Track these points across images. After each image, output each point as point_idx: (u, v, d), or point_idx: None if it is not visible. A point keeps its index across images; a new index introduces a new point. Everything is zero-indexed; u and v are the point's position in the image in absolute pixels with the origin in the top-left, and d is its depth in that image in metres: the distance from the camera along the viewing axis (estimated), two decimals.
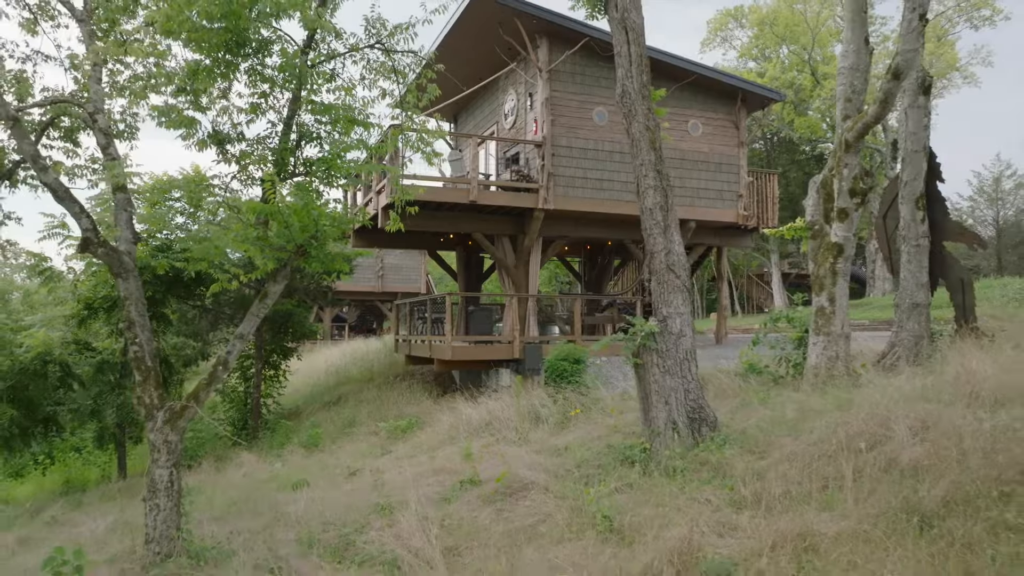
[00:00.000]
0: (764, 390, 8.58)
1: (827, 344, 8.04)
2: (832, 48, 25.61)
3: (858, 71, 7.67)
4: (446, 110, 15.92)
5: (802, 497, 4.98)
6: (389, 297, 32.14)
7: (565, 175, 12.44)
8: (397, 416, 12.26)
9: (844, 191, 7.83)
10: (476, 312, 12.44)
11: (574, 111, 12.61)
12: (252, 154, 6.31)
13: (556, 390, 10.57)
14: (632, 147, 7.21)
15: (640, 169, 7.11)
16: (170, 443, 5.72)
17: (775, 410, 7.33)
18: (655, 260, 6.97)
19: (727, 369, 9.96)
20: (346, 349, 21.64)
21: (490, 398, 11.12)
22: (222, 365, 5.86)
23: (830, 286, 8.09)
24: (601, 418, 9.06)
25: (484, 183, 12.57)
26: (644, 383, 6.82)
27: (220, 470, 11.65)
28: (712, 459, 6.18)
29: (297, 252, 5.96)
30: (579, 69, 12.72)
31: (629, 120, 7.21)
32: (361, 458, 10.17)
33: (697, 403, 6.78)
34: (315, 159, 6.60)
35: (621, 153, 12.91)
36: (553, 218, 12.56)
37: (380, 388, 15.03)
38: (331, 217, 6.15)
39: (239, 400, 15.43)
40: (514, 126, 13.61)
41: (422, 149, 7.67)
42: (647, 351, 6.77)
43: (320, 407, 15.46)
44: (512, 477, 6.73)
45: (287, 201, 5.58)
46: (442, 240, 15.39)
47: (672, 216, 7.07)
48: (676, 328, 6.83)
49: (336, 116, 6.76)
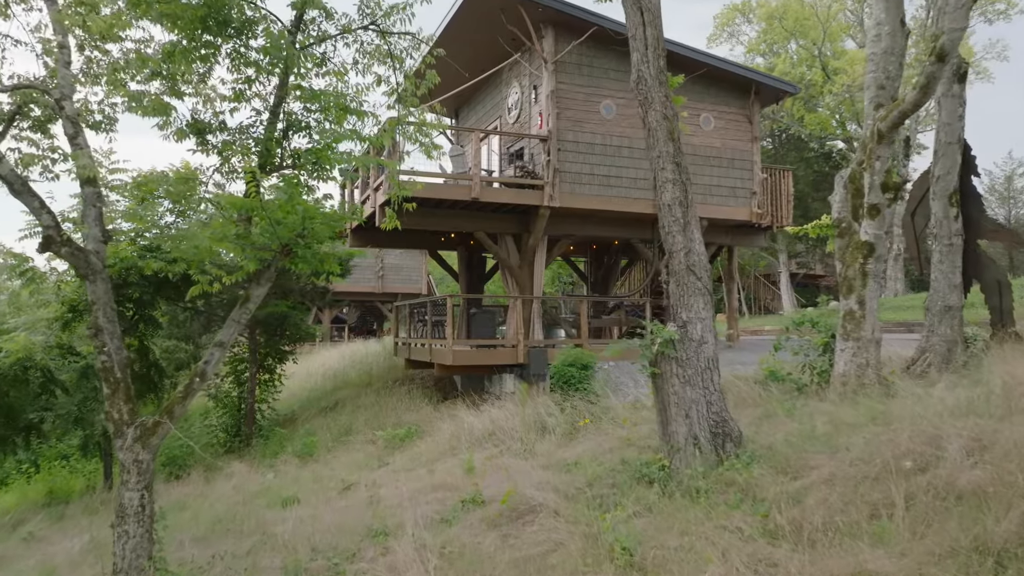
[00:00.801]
0: (788, 400, 8.01)
1: (856, 350, 7.47)
2: (843, 43, 25.03)
3: (892, 55, 7.10)
4: (447, 104, 15.35)
5: (849, 528, 4.41)
6: (389, 298, 31.61)
7: (571, 171, 11.88)
8: (395, 424, 11.70)
9: (875, 186, 7.26)
10: (478, 315, 11.88)
11: (581, 104, 12.04)
12: (234, 144, 5.75)
13: (563, 397, 10.02)
14: (648, 138, 6.65)
15: (657, 162, 6.55)
16: (141, 463, 5.16)
17: (803, 423, 6.77)
18: (674, 260, 6.41)
19: (745, 375, 9.38)
20: (345, 351, 21.09)
21: (493, 405, 10.56)
22: (199, 376, 5.30)
23: (859, 288, 7.52)
24: (612, 429, 8.50)
25: (487, 179, 12.01)
26: (662, 394, 6.25)
27: (210, 481, 11.11)
28: (739, 479, 5.61)
29: (282, 252, 5.40)
30: (586, 60, 12.16)
31: (645, 108, 6.65)
32: (357, 470, 9.62)
33: (720, 416, 6.22)
34: (304, 150, 6.04)
35: (630, 148, 12.35)
36: (559, 216, 12.00)
37: (379, 393, 14.47)
38: (321, 214, 5.59)
39: (233, 405, 14.88)
40: (518, 120, 13.05)
41: (420, 141, 7.12)
42: (665, 359, 6.21)
43: (316, 413, 14.91)
44: (518, 497, 6.17)
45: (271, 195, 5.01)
46: (443, 239, 14.84)
47: (692, 213, 6.50)
48: (697, 334, 6.26)
49: (327, 103, 6.21)
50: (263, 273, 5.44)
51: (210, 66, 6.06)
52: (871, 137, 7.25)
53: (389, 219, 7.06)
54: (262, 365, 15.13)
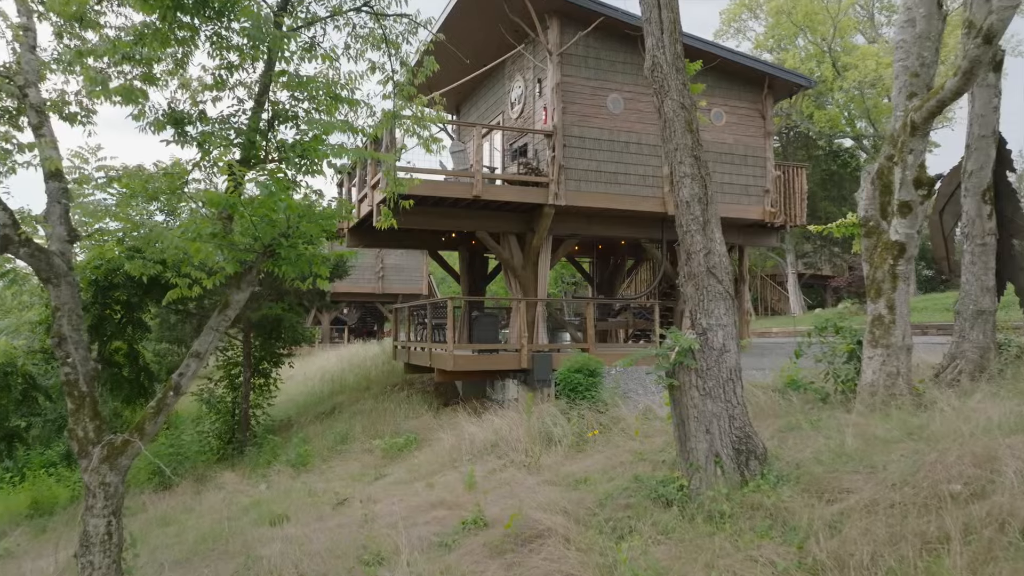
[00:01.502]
0: (812, 411, 7.51)
1: (886, 358, 6.96)
2: (852, 38, 24.48)
3: (928, 40, 6.59)
4: (448, 100, 14.86)
5: (901, 566, 3.90)
6: (390, 299, 31.14)
7: (578, 168, 11.38)
8: (394, 432, 11.21)
9: (908, 181, 6.74)
10: (480, 318, 11.39)
11: (587, 98, 11.54)
12: (214, 136, 5.25)
13: (569, 405, 9.52)
14: (664, 129, 6.15)
15: (674, 155, 6.05)
16: (108, 486, 4.67)
17: (831, 437, 6.26)
18: (692, 262, 5.90)
19: (762, 383, 8.88)
20: (343, 354, 20.61)
21: (495, 413, 10.06)
22: (173, 390, 4.81)
23: (889, 291, 7.01)
24: (623, 441, 8.00)
25: (489, 176, 11.52)
26: (680, 408, 5.75)
27: (199, 492, 10.63)
28: (766, 502, 5.11)
29: (264, 253, 4.90)
30: (593, 52, 11.66)
31: (660, 97, 6.14)
32: (352, 483, 9.12)
33: (744, 431, 5.71)
34: (290, 142, 5.55)
35: (638, 144, 11.84)
36: (564, 215, 11.50)
37: (377, 398, 13.98)
38: (308, 211, 5.09)
39: (226, 411, 14.40)
40: (521, 115, 12.55)
41: (418, 134, 6.62)
42: (684, 370, 5.70)
43: (313, 418, 14.42)
44: (524, 520, 5.66)
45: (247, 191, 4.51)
46: (443, 239, 14.35)
47: (712, 210, 6.00)
48: (718, 343, 5.76)
49: (315, 91, 5.72)
50: (244, 276, 4.94)
51: (188, 51, 5.57)
52: (903, 129, 6.74)
53: (384, 217, 6.57)
54: (257, 369, 14.66)
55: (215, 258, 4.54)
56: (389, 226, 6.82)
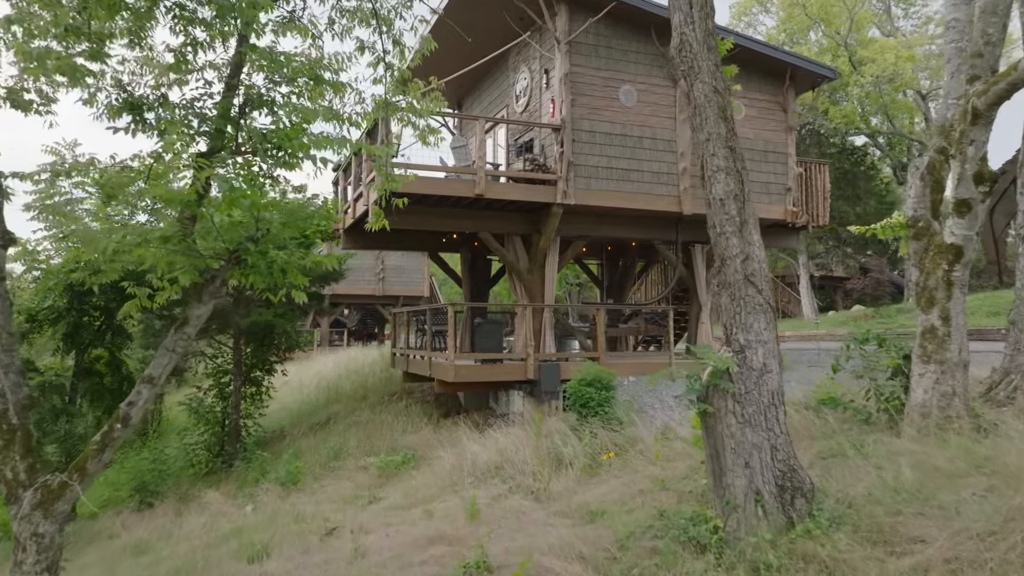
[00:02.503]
0: (851, 432, 6.74)
1: (940, 376, 6.18)
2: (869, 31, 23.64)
3: (994, 16, 5.81)
4: (448, 93, 14.11)
5: None
6: (390, 301, 30.42)
7: (588, 164, 10.61)
8: (390, 447, 10.46)
9: (967, 177, 5.97)
10: (483, 325, 10.64)
11: (598, 90, 10.78)
12: (175, 123, 4.50)
13: (580, 421, 8.76)
14: (694, 117, 5.38)
15: (706, 146, 5.28)
16: (41, 537, 3.92)
17: (883, 468, 5.50)
18: (727, 268, 5.14)
19: (791, 399, 8.09)
20: (342, 359, 19.86)
21: (500, 429, 9.31)
22: (121, 422, 4.06)
23: (943, 300, 6.23)
24: (642, 465, 7.23)
25: (492, 173, 10.76)
26: (714, 437, 4.98)
27: (181, 513, 9.89)
28: (821, 552, 4.35)
29: (230, 260, 4.14)
30: (603, 41, 10.89)
31: (690, 80, 5.38)
32: (343, 506, 8.37)
33: (788, 465, 4.95)
34: (266, 131, 4.80)
35: (652, 139, 11.08)
36: (573, 215, 10.74)
37: (374, 408, 13.24)
38: (283, 210, 4.34)
39: (215, 421, 13.65)
40: (527, 109, 11.79)
41: (413, 123, 5.87)
42: (719, 394, 4.94)
43: (307, 430, 13.67)
44: (534, 568, 4.90)
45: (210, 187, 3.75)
46: (444, 241, 13.59)
47: (749, 209, 5.24)
48: (758, 362, 4.99)
49: (295, 72, 4.96)
50: (206, 288, 4.19)
51: (146, 25, 4.82)
52: (961, 117, 5.96)
53: (376, 218, 5.83)
54: (248, 377, 13.92)
55: (166, 267, 3.78)
56: (381, 227, 6.08)
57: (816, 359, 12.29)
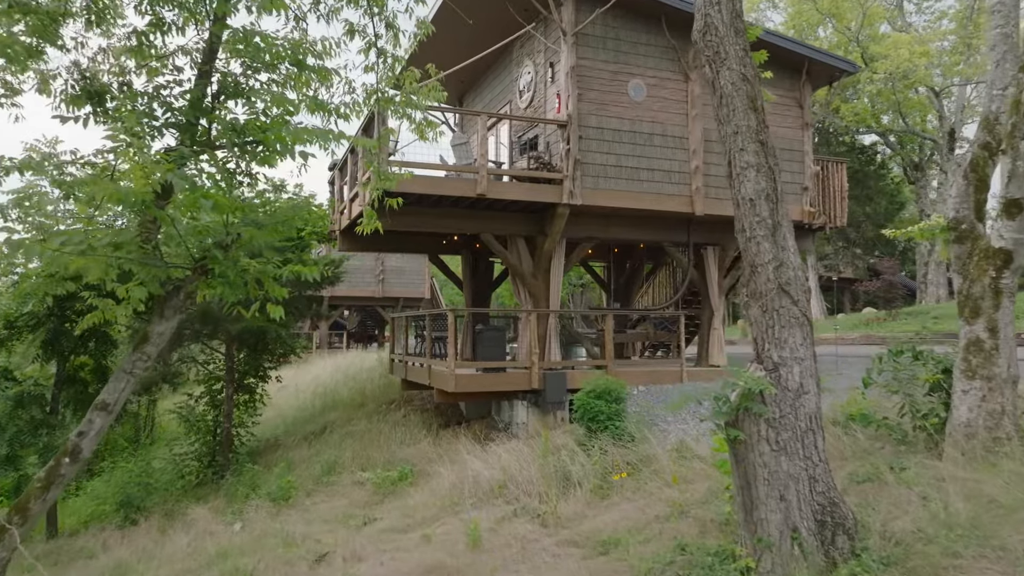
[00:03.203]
0: (883, 451, 6.20)
1: (987, 393, 5.64)
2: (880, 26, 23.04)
3: None
4: (448, 88, 13.58)
5: None
6: (391, 302, 29.89)
7: (595, 162, 10.07)
8: (387, 461, 9.93)
9: (1019, 174, 5.42)
10: (485, 332, 10.09)
11: (606, 84, 10.23)
12: (134, 112, 3.96)
13: (588, 435, 8.22)
14: (720, 107, 4.84)
15: (733, 140, 4.75)
16: None
17: (929, 497, 4.96)
18: (759, 277, 4.60)
19: None
20: (340, 363, 19.32)
21: (503, 443, 8.77)
22: (69, 456, 3.54)
23: (990, 310, 5.68)
24: (657, 487, 6.69)
25: (495, 172, 10.22)
26: (745, 466, 4.44)
27: (166, 531, 9.37)
28: None
29: (197, 270, 3.61)
30: (612, 32, 10.35)
31: (715, 67, 4.84)
32: (336, 527, 7.83)
33: (828, 498, 4.40)
34: (244, 123, 4.26)
35: (663, 136, 10.53)
36: (580, 215, 10.20)
37: (371, 417, 12.71)
38: (258, 211, 3.80)
39: (207, 430, 13.13)
40: (531, 104, 11.25)
41: (409, 115, 5.34)
42: (750, 419, 4.40)
43: (301, 439, 13.14)
44: None
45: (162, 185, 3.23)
46: (444, 243, 13.06)
47: (783, 211, 4.70)
48: (794, 382, 4.46)
49: (276, 56, 4.43)
50: (169, 302, 3.66)
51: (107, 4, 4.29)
52: (1012, 108, 5.42)
53: (367, 220, 5.30)
54: (241, 384, 13.40)
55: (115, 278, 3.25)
56: (374, 230, 5.54)
57: (834, 367, 11.74)
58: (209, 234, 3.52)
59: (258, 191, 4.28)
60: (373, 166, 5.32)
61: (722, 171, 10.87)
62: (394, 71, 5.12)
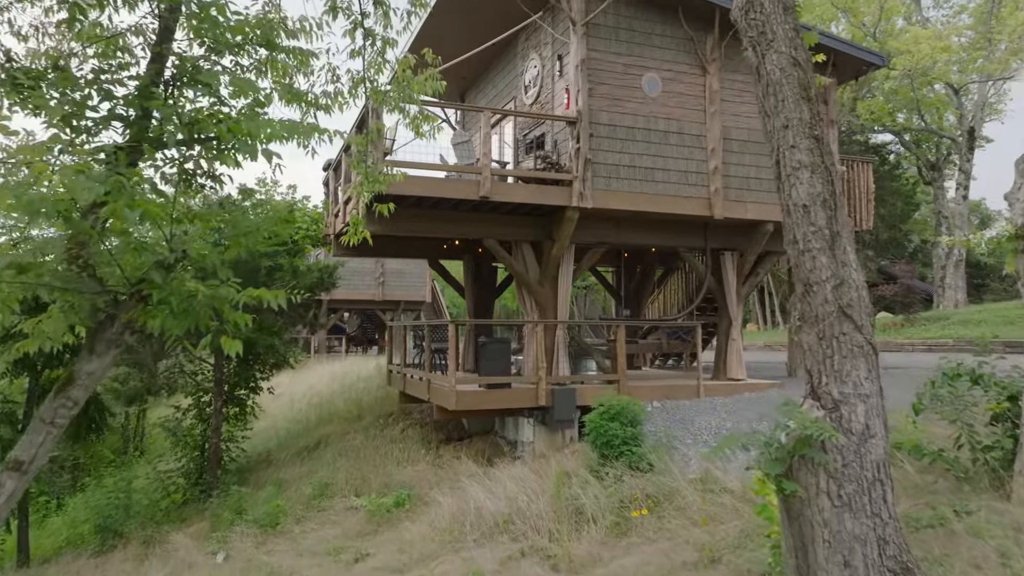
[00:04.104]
0: (946, 493, 5.47)
1: None
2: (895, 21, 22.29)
3: None
4: (449, 84, 12.88)
5: None
6: (391, 306, 29.20)
7: (607, 163, 9.36)
8: (383, 485, 9.23)
9: None
10: (488, 345, 9.38)
11: (618, 78, 9.52)
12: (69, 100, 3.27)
13: (602, 461, 7.50)
14: (765, 97, 4.14)
15: (782, 136, 4.04)
16: None
17: (1007, 551, 4.24)
18: (814, 298, 3.88)
19: None
20: (338, 370, 18.62)
21: (508, 468, 8.07)
22: None
23: None
24: (681, 525, 5.98)
25: (499, 173, 9.52)
26: (800, 524, 3.73)
27: (144, 559, 8.69)
28: None
29: (133, 296, 2.91)
30: (624, 22, 9.64)
31: (760, 50, 4.13)
32: (325, 560, 7.14)
33: (901, 563, 3.69)
34: (194, 114, 3.56)
35: (679, 134, 9.82)
36: (590, 219, 9.50)
37: (368, 432, 12.02)
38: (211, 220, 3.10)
39: (195, 445, 12.44)
40: (537, 100, 10.54)
41: (401, 108, 4.64)
42: (807, 468, 3.69)
43: (294, 455, 12.45)
44: None
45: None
46: (445, 247, 12.36)
47: (842, 218, 3.98)
48: (859, 423, 3.75)
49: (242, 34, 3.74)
50: (100, 334, 2.96)
51: None
52: None
53: (352, 228, 4.61)
54: (230, 396, 12.71)
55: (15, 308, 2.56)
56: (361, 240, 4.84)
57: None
58: (149, 251, 2.83)
59: (219, 199, 3.60)
60: (361, 167, 4.60)
61: (741, 172, 10.16)
62: (384, 56, 4.41)
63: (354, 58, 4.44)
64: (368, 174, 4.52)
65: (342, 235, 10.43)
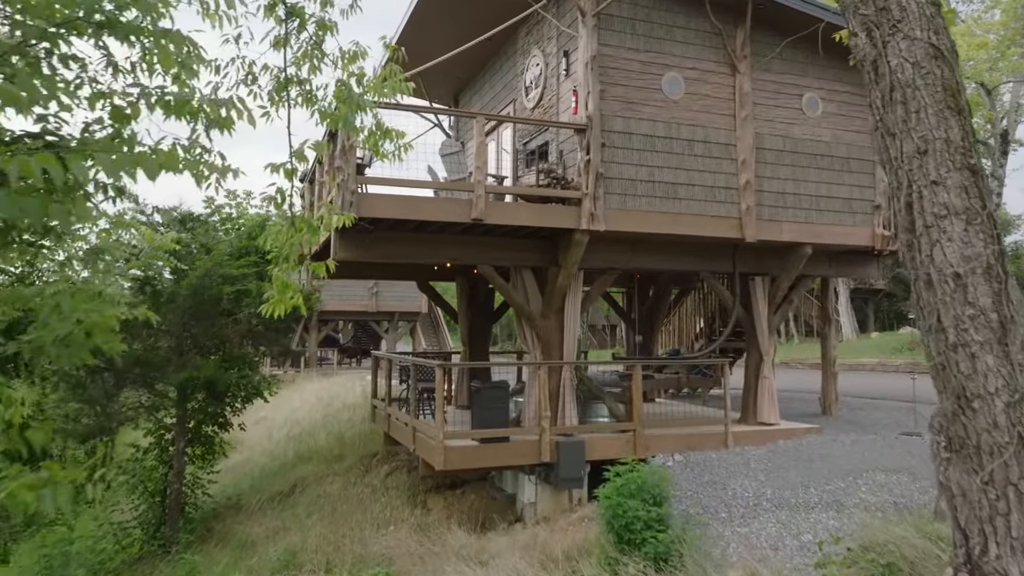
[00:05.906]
0: None
1: None
2: None
3: None
4: (441, 85, 11.50)
5: None
6: (385, 317, 27.94)
7: (622, 177, 8.00)
8: (358, 556, 7.87)
9: None
10: (484, 392, 8.00)
11: (634, 77, 8.16)
12: None
13: (618, 546, 6.11)
14: (886, 105, 2.76)
15: (919, 164, 2.66)
16: None
17: None
18: (974, 419, 2.50)
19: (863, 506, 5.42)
20: (324, 393, 17.23)
21: (507, 557, 6.68)
22: None
23: None
24: None
25: (495, 190, 8.15)
26: None
27: None
28: None
29: None
30: (642, 13, 8.28)
31: (880, 36, 2.75)
32: None
33: None
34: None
35: (705, 143, 8.45)
36: (601, 241, 8.13)
37: (347, 476, 10.67)
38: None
39: (155, 490, 11.09)
40: (540, 103, 9.16)
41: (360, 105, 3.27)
42: None
43: (266, 501, 11.08)
44: None
45: None
46: (436, 268, 10.98)
47: (1014, 293, 2.59)
48: None
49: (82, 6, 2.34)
50: None
51: None
52: None
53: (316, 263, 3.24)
54: (196, 435, 11.35)
55: None
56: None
57: (906, 421, 9.59)
58: None
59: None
60: (334, 182, 3.22)
61: (776, 187, 8.79)
62: (320, 47, 3.03)
63: (277, 49, 3.07)
64: (297, 223, 3.18)
65: (322, 255, 9.05)
